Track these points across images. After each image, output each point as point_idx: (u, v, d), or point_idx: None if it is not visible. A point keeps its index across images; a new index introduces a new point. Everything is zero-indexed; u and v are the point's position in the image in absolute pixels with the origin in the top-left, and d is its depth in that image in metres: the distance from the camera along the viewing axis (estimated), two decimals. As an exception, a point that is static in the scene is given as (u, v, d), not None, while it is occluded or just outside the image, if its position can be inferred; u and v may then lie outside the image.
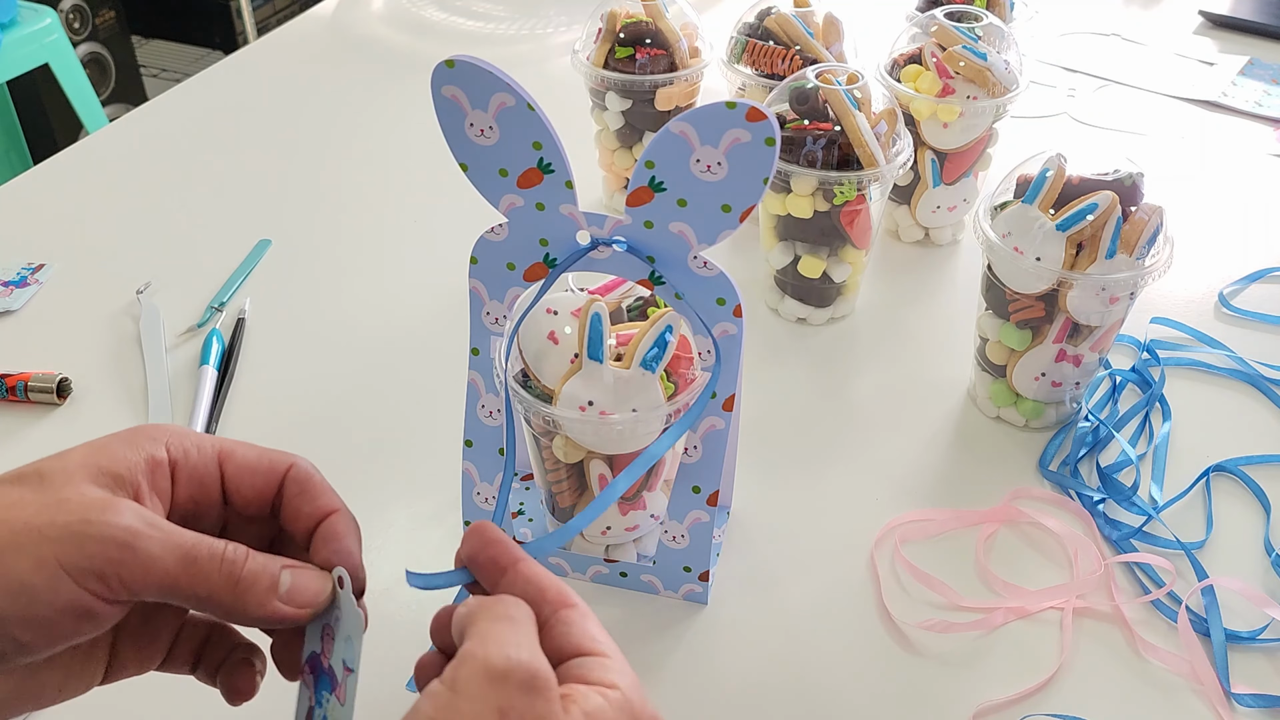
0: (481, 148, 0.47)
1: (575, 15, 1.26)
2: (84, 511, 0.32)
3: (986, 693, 0.53)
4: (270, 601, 0.35)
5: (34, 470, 0.34)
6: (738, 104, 0.42)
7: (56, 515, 0.32)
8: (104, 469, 0.34)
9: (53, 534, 0.32)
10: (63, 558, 0.32)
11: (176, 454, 0.36)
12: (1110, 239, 0.60)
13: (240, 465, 0.38)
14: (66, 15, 2.17)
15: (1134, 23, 1.26)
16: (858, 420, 0.71)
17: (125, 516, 0.33)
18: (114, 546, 0.32)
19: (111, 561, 0.32)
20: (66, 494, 0.33)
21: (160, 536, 0.33)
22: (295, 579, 0.36)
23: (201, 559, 0.34)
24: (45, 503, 0.32)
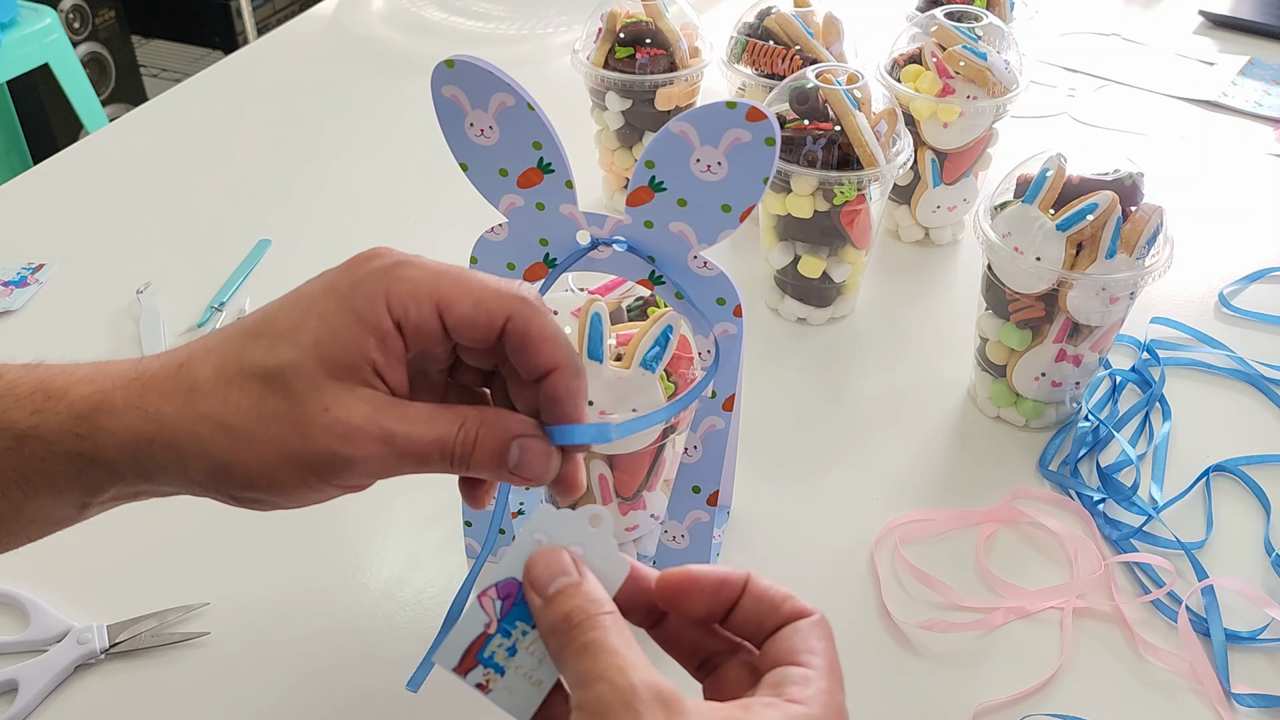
0: (481, 148, 0.47)
1: (575, 15, 1.26)
2: (329, 441, 0.35)
3: (986, 693, 0.53)
4: (500, 474, 0.37)
5: (281, 370, 0.35)
6: (738, 104, 0.42)
7: (307, 443, 0.35)
8: (341, 363, 0.36)
9: (306, 459, 0.35)
10: (319, 474, 0.36)
11: (399, 314, 0.37)
12: (1110, 239, 0.60)
13: (459, 317, 0.37)
14: (66, 15, 2.17)
15: (1134, 23, 1.26)
16: (858, 420, 0.71)
17: (364, 446, 0.35)
18: (358, 472, 0.36)
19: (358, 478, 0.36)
20: (313, 413, 0.35)
21: (396, 453, 0.36)
22: (523, 454, 0.37)
23: (434, 460, 0.37)
24: (297, 423, 0.35)
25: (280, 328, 0.37)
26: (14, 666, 0.53)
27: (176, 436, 0.36)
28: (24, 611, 0.57)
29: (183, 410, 0.36)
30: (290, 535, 0.61)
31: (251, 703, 0.53)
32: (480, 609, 0.35)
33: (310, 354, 0.36)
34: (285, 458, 0.35)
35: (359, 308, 0.36)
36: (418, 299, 0.37)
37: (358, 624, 0.56)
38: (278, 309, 0.37)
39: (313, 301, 0.37)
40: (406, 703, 0.53)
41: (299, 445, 0.35)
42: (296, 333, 0.36)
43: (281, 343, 0.36)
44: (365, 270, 0.37)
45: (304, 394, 0.35)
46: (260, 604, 0.57)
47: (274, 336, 0.36)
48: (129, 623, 0.56)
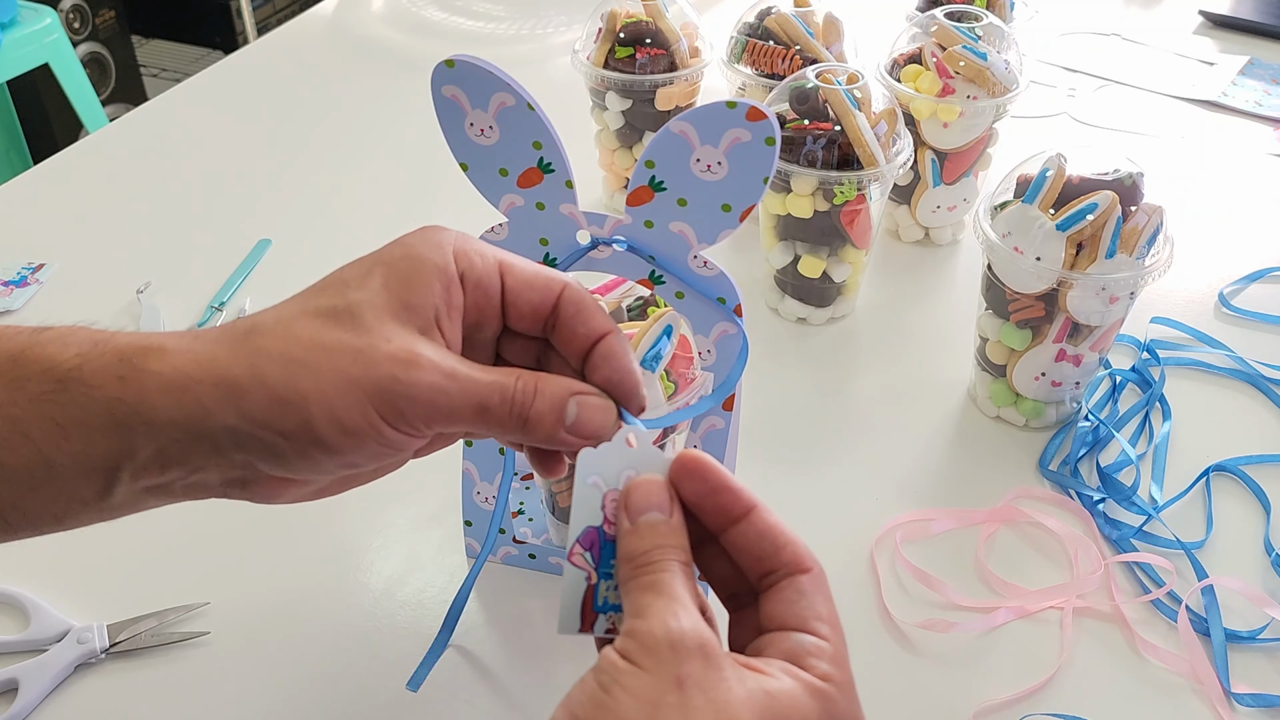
0: (481, 147, 0.47)
1: (575, 15, 1.26)
2: (392, 367, 0.35)
3: (986, 693, 0.53)
4: (557, 432, 0.37)
5: (346, 307, 0.36)
6: (738, 103, 0.42)
7: (369, 369, 0.35)
8: (406, 304, 0.36)
9: (368, 387, 0.35)
10: (378, 407, 0.35)
11: (464, 265, 0.38)
12: (1110, 239, 0.60)
13: (519, 279, 0.39)
14: (66, 15, 2.17)
15: (1134, 23, 1.26)
16: (858, 420, 0.71)
17: (428, 374, 0.35)
18: (420, 403, 0.35)
19: (418, 414, 0.36)
20: (376, 342, 0.35)
21: (458, 388, 0.36)
22: (581, 410, 0.37)
23: (493, 406, 0.36)
24: (360, 351, 0.35)
25: (345, 278, 0.37)
26: (14, 666, 0.53)
27: (230, 373, 0.35)
28: (24, 611, 0.57)
29: (238, 349, 0.35)
30: (290, 535, 0.61)
31: (251, 703, 0.53)
32: (575, 568, 0.36)
33: (377, 296, 0.36)
34: (348, 386, 0.35)
35: (426, 254, 0.37)
36: (483, 255, 0.38)
37: (358, 624, 0.56)
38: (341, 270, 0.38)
39: (379, 255, 0.38)
40: (406, 703, 0.53)
41: (361, 372, 0.35)
42: (363, 279, 0.37)
43: (347, 289, 0.37)
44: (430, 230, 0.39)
45: (368, 326, 0.36)
46: (260, 604, 0.57)
47: (339, 285, 0.37)
48: (129, 622, 0.56)
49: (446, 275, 0.37)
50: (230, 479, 0.37)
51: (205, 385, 0.35)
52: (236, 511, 0.62)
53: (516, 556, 0.59)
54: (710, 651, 0.31)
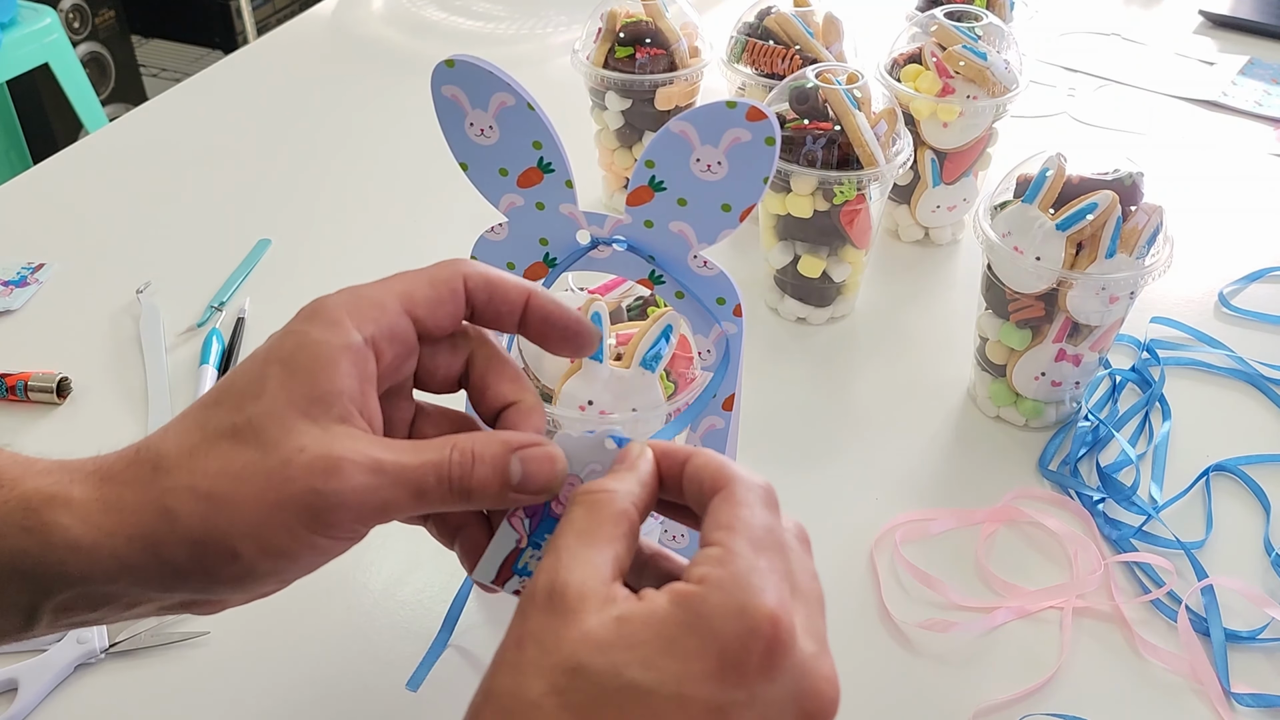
0: (481, 147, 0.47)
1: (575, 15, 1.26)
2: (310, 480, 0.33)
3: (986, 693, 0.53)
4: (505, 495, 0.35)
5: (247, 423, 0.33)
6: (738, 103, 0.42)
7: (286, 489, 0.32)
8: (313, 399, 0.34)
9: (290, 507, 0.33)
10: (305, 524, 0.33)
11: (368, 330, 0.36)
12: (1110, 239, 0.60)
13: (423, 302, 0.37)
14: (66, 15, 2.17)
15: (1134, 22, 1.26)
16: (858, 420, 0.71)
17: (351, 477, 0.33)
18: (349, 508, 0.33)
19: (349, 519, 0.33)
20: (288, 456, 0.33)
21: (388, 481, 0.33)
22: (526, 465, 0.35)
23: (430, 489, 0.34)
24: (271, 472, 0.33)
25: (240, 387, 0.34)
26: (14, 666, 0.53)
27: (141, 521, 0.33)
28: (24, 611, 0.57)
29: (146, 490, 0.33)
30: (290, 535, 0.61)
31: (251, 703, 0.53)
32: (511, 528, 0.37)
33: (278, 400, 0.34)
34: (267, 511, 0.32)
35: (324, 336, 0.35)
36: (381, 304, 0.36)
37: (358, 624, 0.56)
38: (233, 376, 0.35)
39: (269, 353, 0.35)
40: (406, 703, 0.53)
41: (279, 494, 0.32)
42: (260, 384, 0.34)
43: (245, 399, 0.34)
44: (316, 307, 0.36)
45: (276, 440, 0.33)
46: (260, 604, 0.57)
47: (236, 396, 0.34)
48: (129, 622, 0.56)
49: (353, 350, 0.35)
50: (167, 607, 0.36)
51: (119, 539, 0.33)
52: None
53: (516, 556, 0.59)
54: (558, 601, 0.30)
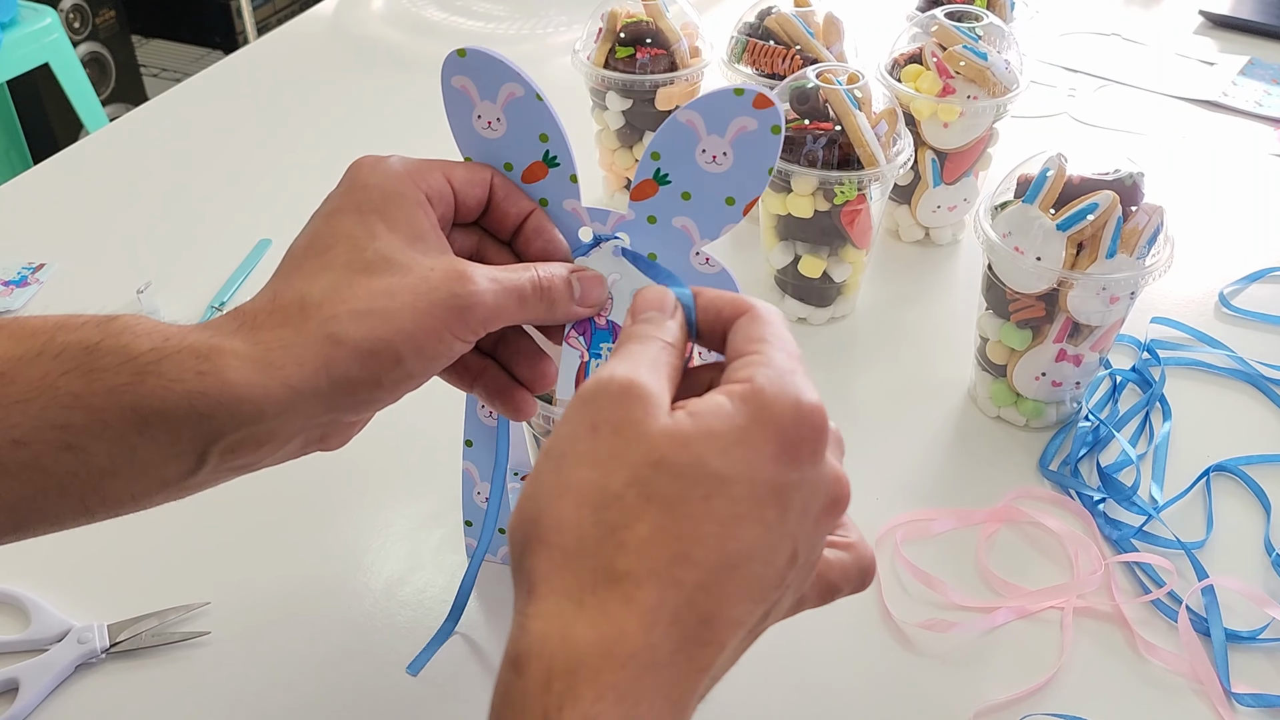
0: (488, 141, 0.47)
1: (575, 15, 1.26)
2: (450, 286, 0.40)
3: (986, 693, 0.53)
4: (571, 307, 0.44)
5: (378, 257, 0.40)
6: (745, 90, 0.42)
7: (432, 296, 0.39)
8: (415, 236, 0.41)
9: (439, 312, 0.39)
10: (450, 326, 0.40)
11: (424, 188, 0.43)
12: (1110, 239, 0.60)
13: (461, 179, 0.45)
14: (66, 15, 2.17)
15: (1134, 23, 1.26)
16: (858, 420, 0.71)
17: (478, 282, 0.41)
18: (480, 308, 0.40)
19: (480, 320, 0.41)
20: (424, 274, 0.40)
21: (501, 288, 0.41)
22: (583, 284, 0.45)
23: (529, 296, 0.42)
24: (416, 285, 0.39)
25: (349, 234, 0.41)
26: (14, 666, 0.53)
27: (309, 349, 0.38)
28: (24, 611, 0.57)
29: (305, 326, 0.38)
30: (291, 535, 0.61)
31: (251, 703, 0.53)
32: (570, 347, 0.46)
33: (393, 239, 0.41)
34: (421, 317, 0.39)
35: (399, 189, 0.42)
36: (429, 171, 0.44)
37: (358, 624, 0.56)
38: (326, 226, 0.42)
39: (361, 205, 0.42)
40: (406, 702, 0.53)
41: (428, 301, 0.39)
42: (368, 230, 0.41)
43: (359, 243, 0.41)
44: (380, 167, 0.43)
45: (407, 265, 0.40)
46: (260, 604, 0.57)
47: (350, 242, 0.41)
48: (129, 622, 0.56)
49: (423, 204, 0.42)
50: (312, 439, 0.41)
51: (289, 367, 0.37)
52: (237, 511, 0.62)
53: (517, 556, 0.59)
54: (634, 395, 0.33)
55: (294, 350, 0.38)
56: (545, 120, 0.45)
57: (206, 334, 0.38)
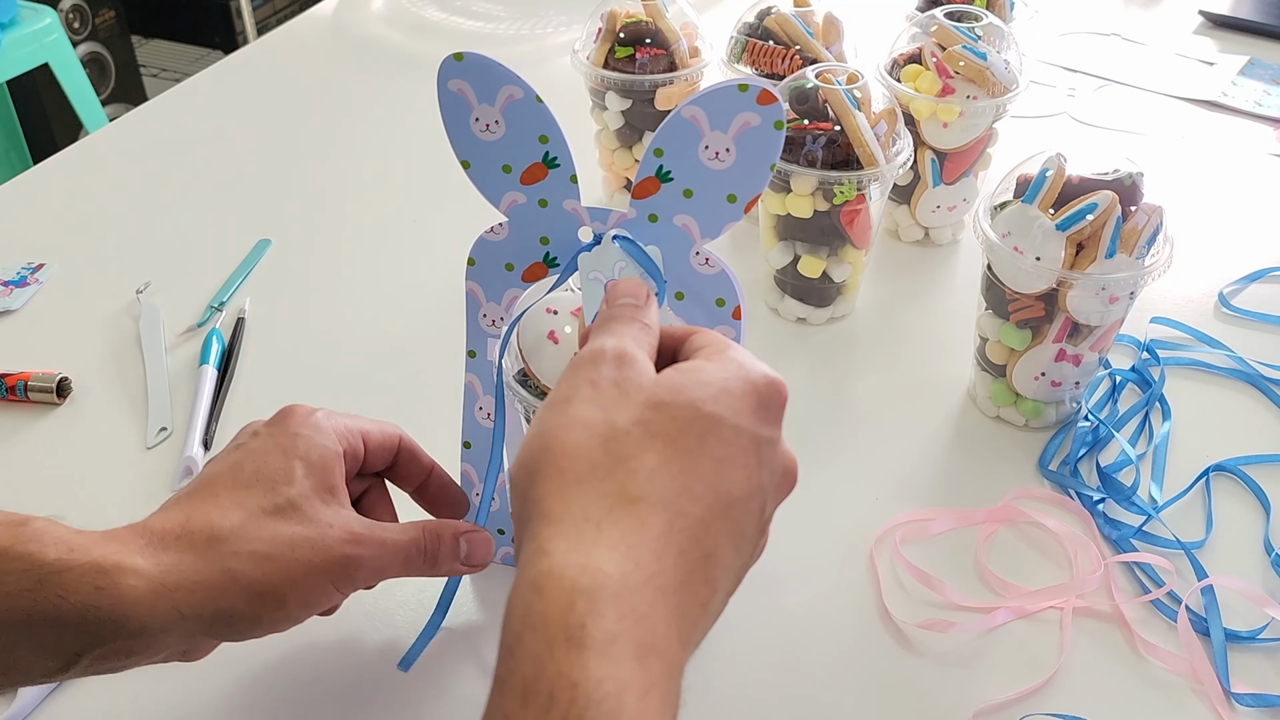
0: (485, 143, 0.47)
1: (575, 15, 1.26)
2: (342, 548, 0.44)
3: (986, 693, 0.53)
4: (455, 566, 0.48)
5: (289, 503, 0.44)
6: (750, 85, 0.42)
7: (327, 555, 0.43)
8: (328, 489, 0.45)
9: (329, 569, 0.43)
10: (335, 582, 0.44)
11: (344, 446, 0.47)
12: (1110, 239, 0.60)
13: (375, 442, 0.50)
14: (66, 15, 2.17)
15: (1134, 23, 1.26)
16: (858, 420, 0.71)
17: (368, 546, 0.44)
18: (365, 570, 0.45)
19: (363, 579, 0.45)
20: (324, 531, 0.44)
21: (388, 552, 0.45)
22: (470, 545, 0.48)
23: (413, 558, 0.46)
24: (315, 541, 0.43)
25: (269, 474, 0.44)
26: (14, 666, 0.53)
27: (206, 578, 0.41)
28: (24, 611, 0.57)
29: (207, 556, 0.41)
30: (290, 535, 0.61)
31: (251, 702, 0.53)
32: None
33: (305, 487, 0.44)
34: (312, 571, 0.43)
35: (326, 444, 0.46)
36: (351, 432, 0.48)
37: (357, 624, 0.56)
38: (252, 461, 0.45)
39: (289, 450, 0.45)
40: (406, 703, 0.53)
41: (322, 558, 0.43)
42: (289, 474, 0.44)
43: (278, 485, 0.44)
44: (310, 420, 0.47)
45: (314, 517, 0.44)
46: (260, 604, 0.57)
47: (268, 482, 0.44)
48: (129, 622, 0.56)
49: (339, 458, 0.46)
50: (176, 652, 0.44)
51: (181, 592, 0.40)
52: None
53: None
54: (627, 359, 0.37)
55: (190, 577, 0.41)
56: (545, 120, 0.45)
57: (112, 548, 0.40)
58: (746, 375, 0.37)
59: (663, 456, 0.34)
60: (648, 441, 0.34)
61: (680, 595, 0.32)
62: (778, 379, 0.38)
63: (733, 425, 0.35)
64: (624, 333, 0.39)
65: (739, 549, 0.35)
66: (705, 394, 0.35)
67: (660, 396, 0.35)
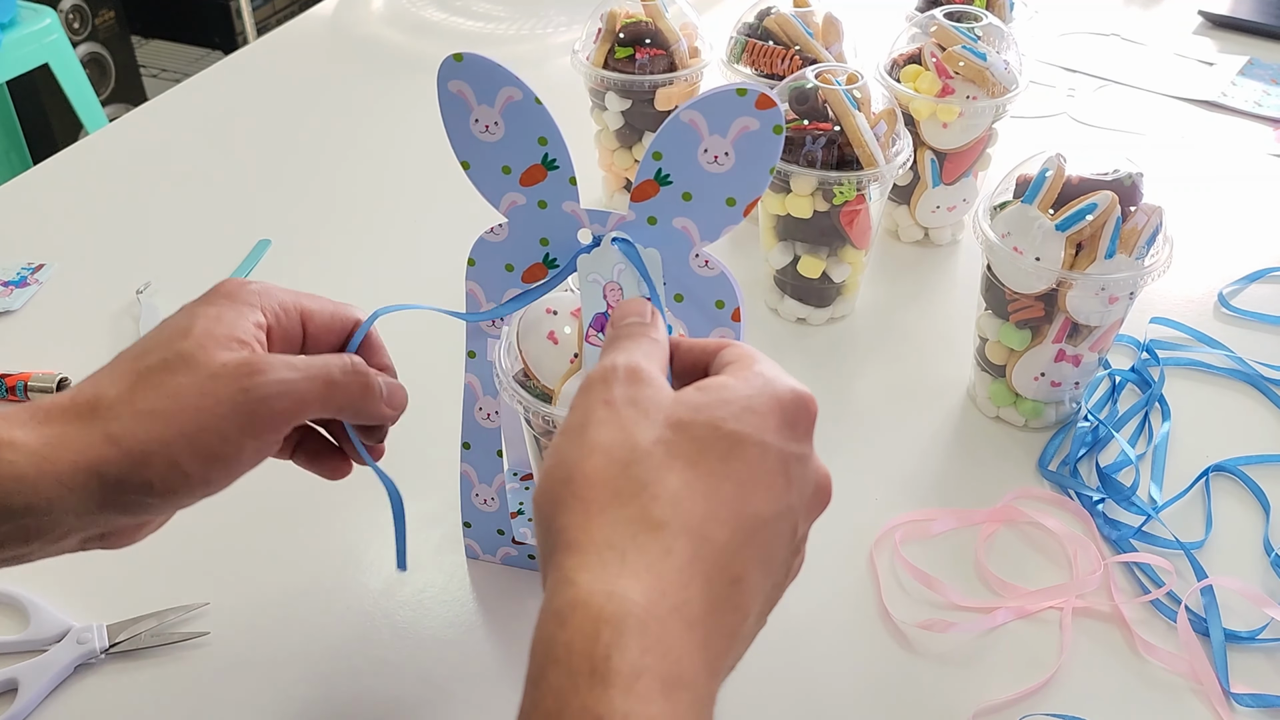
0: (485, 144, 0.47)
1: (575, 15, 1.26)
2: (237, 382, 0.38)
3: (986, 693, 0.53)
4: (380, 405, 0.44)
5: (177, 356, 0.39)
6: (748, 89, 0.42)
7: (218, 394, 0.38)
8: (230, 336, 0.40)
9: (222, 410, 0.38)
10: (238, 425, 0.38)
11: (271, 320, 0.42)
12: (1110, 239, 0.60)
13: (319, 325, 0.44)
14: (66, 15, 2.17)
15: (1134, 23, 1.26)
16: (857, 420, 0.71)
17: (272, 372, 0.39)
18: (273, 401, 0.39)
19: (275, 415, 0.39)
20: (214, 369, 0.38)
21: (303, 374, 0.40)
22: (389, 386, 0.44)
23: (338, 378, 0.41)
24: (203, 383, 0.38)
25: (166, 334, 0.40)
26: (14, 666, 0.54)
27: (85, 447, 0.37)
28: (24, 611, 0.57)
29: (88, 424, 0.37)
30: (290, 536, 0.61)
31: (251, 703, 0.53)
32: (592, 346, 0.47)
33: (202, 337, 0.39)
34: (203, 418, 0.38)
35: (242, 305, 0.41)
36: (287, 309, 0.43)
37: (358, 624, 0.56)
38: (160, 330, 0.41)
39: (194, 312, 0.41)
40: (405, 703, 0.53)
41: (212, 399, 0.38)
42: (186, 329, 0.40)
43: (172, 341, 0.40)
44: (238, 285, 0.42)
45: (202, 362, 0.39)
46: (260, 604, 0.58)
47: (164, 341, 0.40)
48: (129, 622, 0.56)
49: (256, 314, 0.41)
50: (89, 538, 0.40)
51: (63, 466, 0.37)
52: (237, 511, 0.62)
53: (516, 557, 0.59)
54: (642, 376, 0.36)
55: (71, 446, 0.37)
56: (544, 122, 0.45)
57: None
58: (772, 391, 0.36)
59: (684, 479, 0.33)
60: (669, 463, 0.33)
61: (707, 624, 0.32)
62: (805, 393, 0.37)
63: (757, 443, 0.34)
64: (633, 349, 0.38)
65: (769, 571, 0.34)
66: (727, 412, 0.35)
67: (680, 415, 0.34)
